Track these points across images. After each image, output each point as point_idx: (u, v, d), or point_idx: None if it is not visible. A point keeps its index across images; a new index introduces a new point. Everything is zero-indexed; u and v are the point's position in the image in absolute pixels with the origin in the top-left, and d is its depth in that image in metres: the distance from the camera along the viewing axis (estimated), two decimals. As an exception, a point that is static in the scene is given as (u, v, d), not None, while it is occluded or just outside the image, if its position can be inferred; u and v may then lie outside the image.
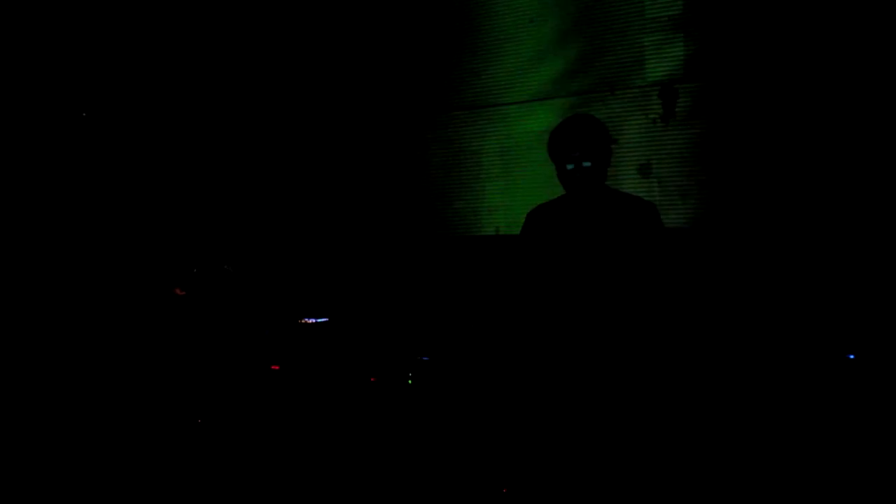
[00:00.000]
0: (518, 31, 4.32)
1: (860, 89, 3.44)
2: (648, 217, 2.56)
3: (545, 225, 2.66)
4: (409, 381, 3.60)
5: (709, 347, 3.45)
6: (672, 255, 2.60)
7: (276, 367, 3.74)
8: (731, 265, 3.67)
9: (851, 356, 3.12)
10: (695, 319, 3.53)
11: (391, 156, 4.74)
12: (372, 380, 3.66)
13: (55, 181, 4.72)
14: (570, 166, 2.55)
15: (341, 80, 4.88)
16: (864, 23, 3.42)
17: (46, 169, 4.72)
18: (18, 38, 4.67)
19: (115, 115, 4.91)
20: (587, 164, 2.53)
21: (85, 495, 3.34)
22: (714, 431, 3.18)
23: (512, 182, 4.35)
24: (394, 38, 4.70)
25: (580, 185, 2.56)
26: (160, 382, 3.86)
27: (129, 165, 4.91)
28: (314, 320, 4.09)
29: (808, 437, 3.06)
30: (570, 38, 4.17)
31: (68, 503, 3.28)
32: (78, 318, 4.45)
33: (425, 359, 3.71)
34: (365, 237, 4.78)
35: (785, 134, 3.62)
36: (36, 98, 4.68)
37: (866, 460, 2.93)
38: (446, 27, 4.54)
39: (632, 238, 2.53)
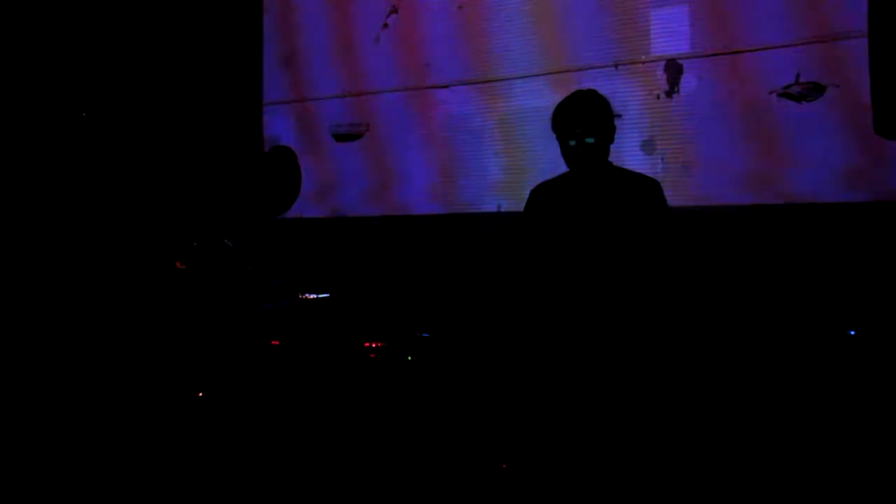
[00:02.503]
0: (521, 3, 4.26)
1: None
2: (652, 194, 2.54)
3: (548, 202, 2.65)
4: (409, 358, 3.61)
5: (711, 324, 3.44)
6: (675, 233, 2.58)
7: (276, 343, 3.74)
8: (735, 243, 3.65)
9: (852, 332, 3.11)
10: (698, 297, 3.52)
11: (392, 131, 4.71)
12: (371, 356, 3.67)
13: (57, 156, 4.71)
14: (572, 142, 2.53)
15: (338, 52, 4.84)
16: None
17: (47, 141, 4.71)
18: (18, 38, 4.65)
19: (116, 95, 4.89)
20: (590, 140, 2.52)
21: (83, 470, 3.36)
22: (717, 406, 3.18)
23: (515, 158, 4.32)
24: (393, 8, 4.65)
25: (583, 161, 2.54)
26: (160, 356, 3.87)
27: (130, 140, 4.89)
28: (315, 296, 4.08)
29: (809, 415, 3.06)
30: (575, 12, 4.11)
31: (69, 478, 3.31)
32: (78, 290, 4.46)
33: (425, 335, 3.71)
34: (366, 213, 4.76)
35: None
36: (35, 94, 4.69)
37: (868, 441, 2.94)
38: (447, 0, 4.48)
39: (635, 215, 2.52)
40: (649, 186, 2.56)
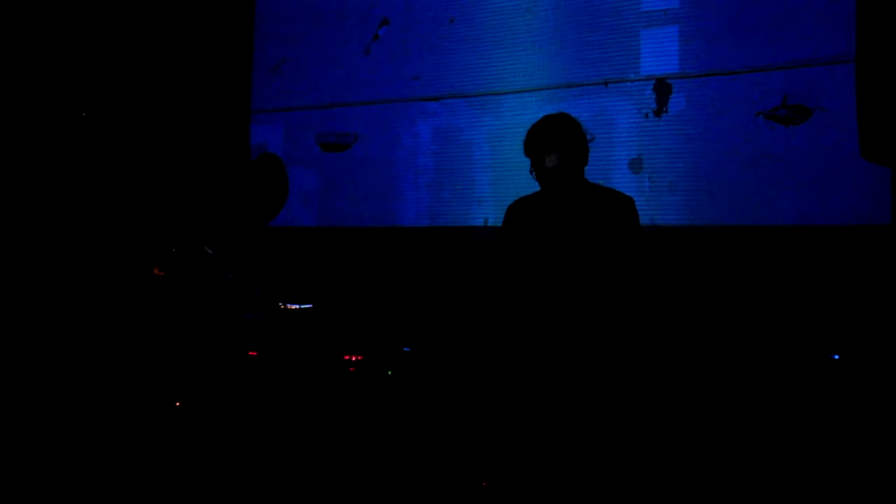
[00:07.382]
0: (514, 20, 4.27)
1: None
2: (624, 211, 2.53)
3: (524, 219, 2.65)
4: (389, 373, 3.57)
5: (691, 343, 3.43)
6: (646, 249, 2.58)
7: (254, 354, 3.69)
8: (720, 262, 3.64)
9: (836, 356, 3.10)
10: (679, 316, 3.50)
11: (380, 142, 4.69)
12: (351, 370, 3.62)
13: (38, 157, 4.67)
14: (546, 167, 2.54)
15: (328, 63, 4.82)
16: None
17: (35, 145, 4.68)
18: (18, 38, 4.62)
19: (104, 100, 4.87)
20: (564, 165, 2.52)
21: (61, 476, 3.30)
22: (691, 427, 3.16)
23: (502, 173, 4.31)
24: (384, 20, 4.65)
25: (557, 183, 2.55)
26: (137, 363, 3.81)
27: (110, 146, 4.85)
28: (297, 306, 4.04)
29: (791, 437, 3.05)
30: (566, 30, 4.12)
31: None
32: (56, 295, 4.40)
33: (406, 350, 3.67)
34: (351, 224, 4.73)
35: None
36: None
37: (850, 460, 2.93)
38: (439, 14, 4.49)
39: (607, 232, 2.51)
40: (622, 203, 2.56)
